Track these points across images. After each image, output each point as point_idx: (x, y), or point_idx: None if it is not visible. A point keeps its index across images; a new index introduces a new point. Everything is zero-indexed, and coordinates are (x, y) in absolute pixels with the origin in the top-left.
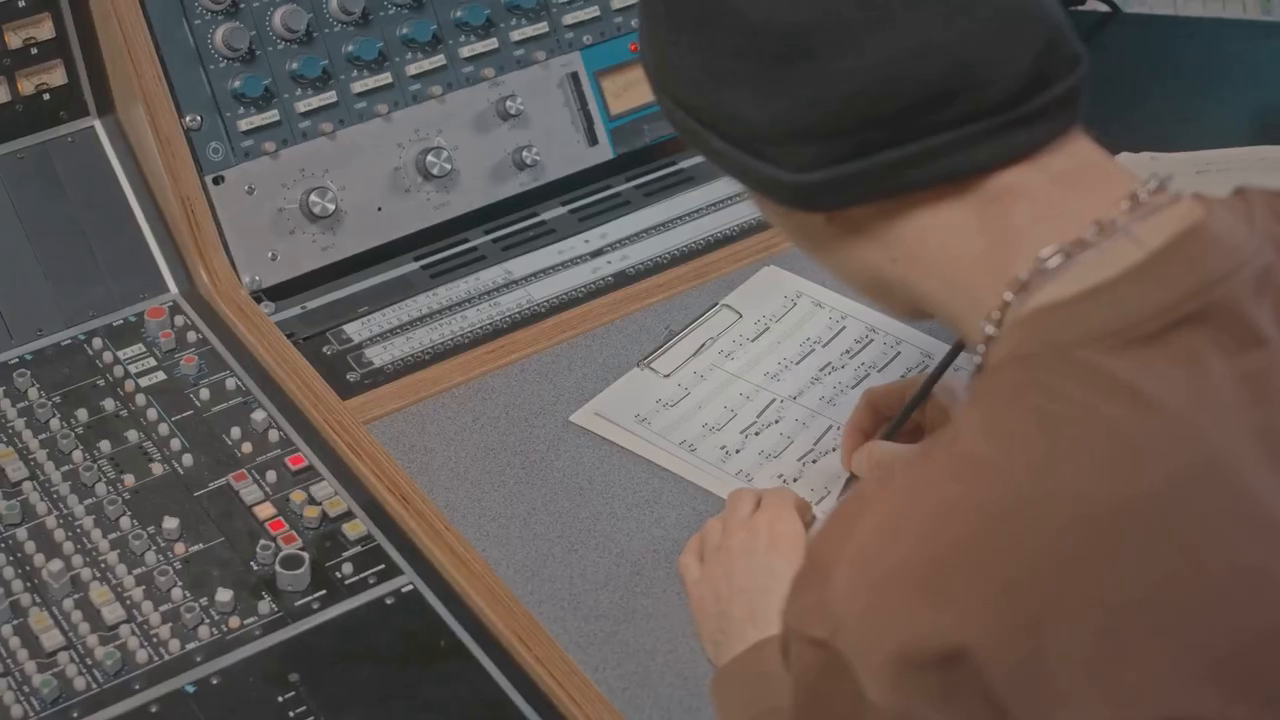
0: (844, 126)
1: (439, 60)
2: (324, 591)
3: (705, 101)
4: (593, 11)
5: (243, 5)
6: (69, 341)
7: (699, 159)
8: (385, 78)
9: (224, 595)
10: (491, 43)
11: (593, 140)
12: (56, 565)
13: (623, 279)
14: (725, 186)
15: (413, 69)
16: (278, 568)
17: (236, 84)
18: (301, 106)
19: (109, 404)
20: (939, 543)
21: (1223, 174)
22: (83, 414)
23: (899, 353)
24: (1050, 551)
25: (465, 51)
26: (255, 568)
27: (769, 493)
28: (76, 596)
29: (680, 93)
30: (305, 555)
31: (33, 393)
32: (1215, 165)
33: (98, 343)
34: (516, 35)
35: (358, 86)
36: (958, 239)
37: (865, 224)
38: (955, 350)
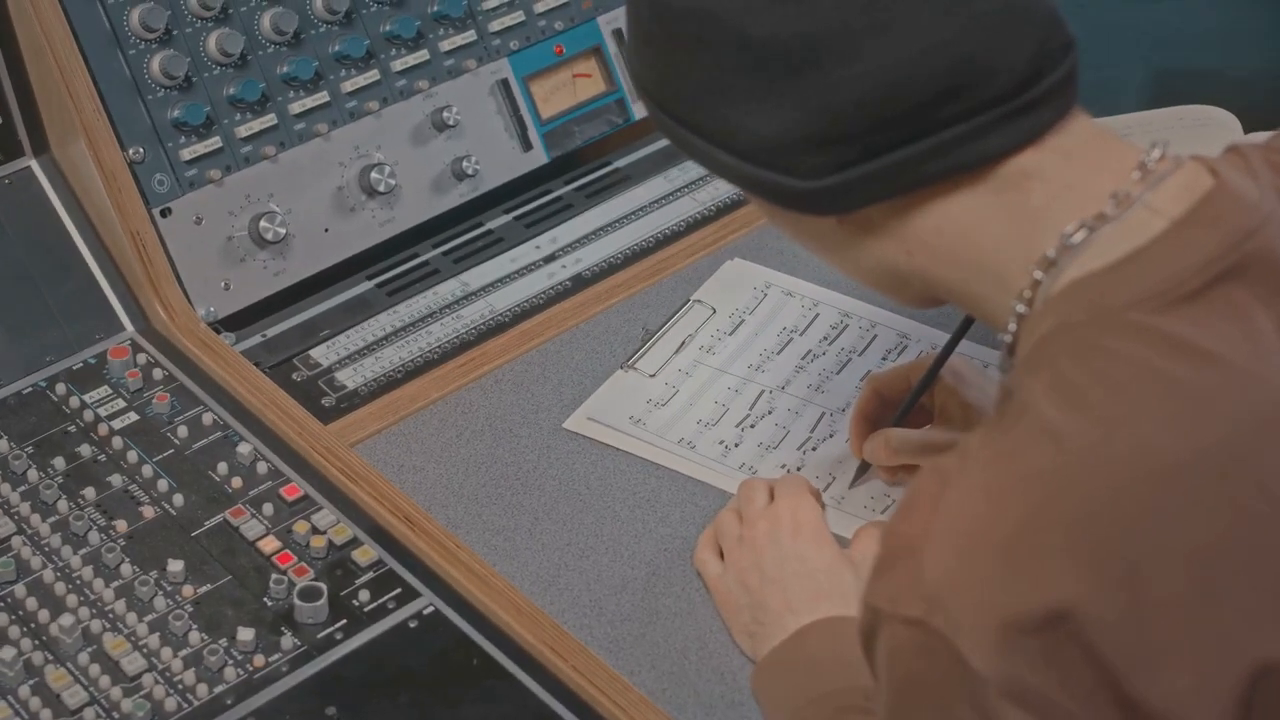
0: (854, 131)
1: (373, 75)
2: (344, 621)
3: (709, 118)
4: (518, 17)
5: (175, 32)
6: (30, 389)
7: (633, 158)
8: (322, 96)
9: (245, 634)
10: (423, 54)
11: (527, 146)
12: (68, 620)
13: (580, 282)
14: (665, 183)
15: (348, 86)
16: (296, 600)
17: (176, 113)
18: (242, 131)
19: (85, 450)
20: (1028, 508)
21: (1145, 136)
22: (60, 462)
23: (875, 335)
24: (1134, 504)
25: (398, 65)
26: (270, 603)
27: (781, 481)
28: (91, 650)
29: (681, 111)
30: (323, 586)
31: (2, 445)
32: (1136, 128)
33: (61, 388)
34: (446, 45)
35: (295, 107)
36: (977, 226)
37: (879, 222)
38: (959, 333)
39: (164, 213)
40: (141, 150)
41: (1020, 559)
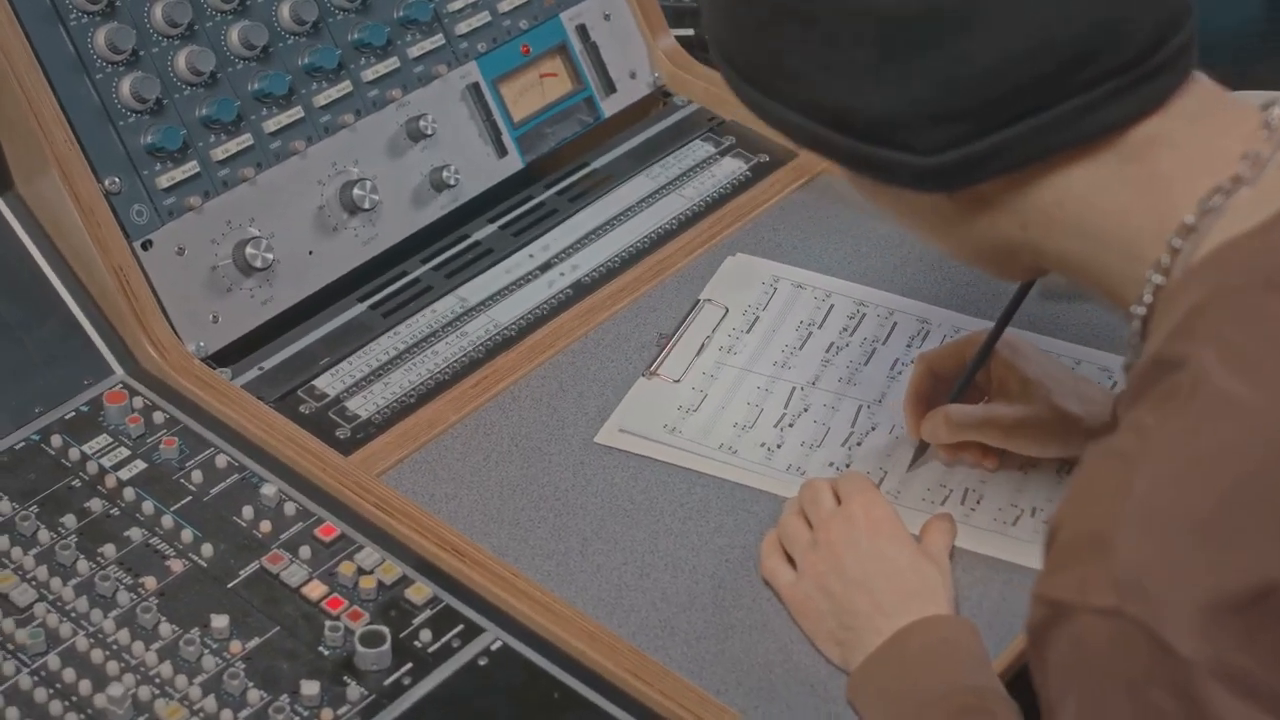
0: (978, 103)
1: (346, 87)
2: (410, 665)
3: (817, 96)
4: (484, 18)
5: (142, 53)
6: (23, 444)
7: (610, 157)
8: (297, 112)
9: (310, 688)
10: (393, 62)
11: (501, 151)
12: (116, 689)
13: (582, 289)
14: (649, 181)
15: (321, 99)
16: (359, 647)
17: (150, 138)
18: (219, 154)
19: (95, 504)
20: (1222, 484)
21: None
22: (70, 520)
23: (895, 323)
24: None
25: (369, 74)
26: (326, 652)
27: (844, 479)
28: (144, 719)
29: (784, 89)
30: (386, 630)
31: (5, 505)
32: None
33: (57, 440)
34: (415, 51)
35: (270, 125)
36: (1102, 197)
37: (994, 196)
38: (1014, 305)
39: (145, 245)
40: (117, 180)
41: (1221, 537)
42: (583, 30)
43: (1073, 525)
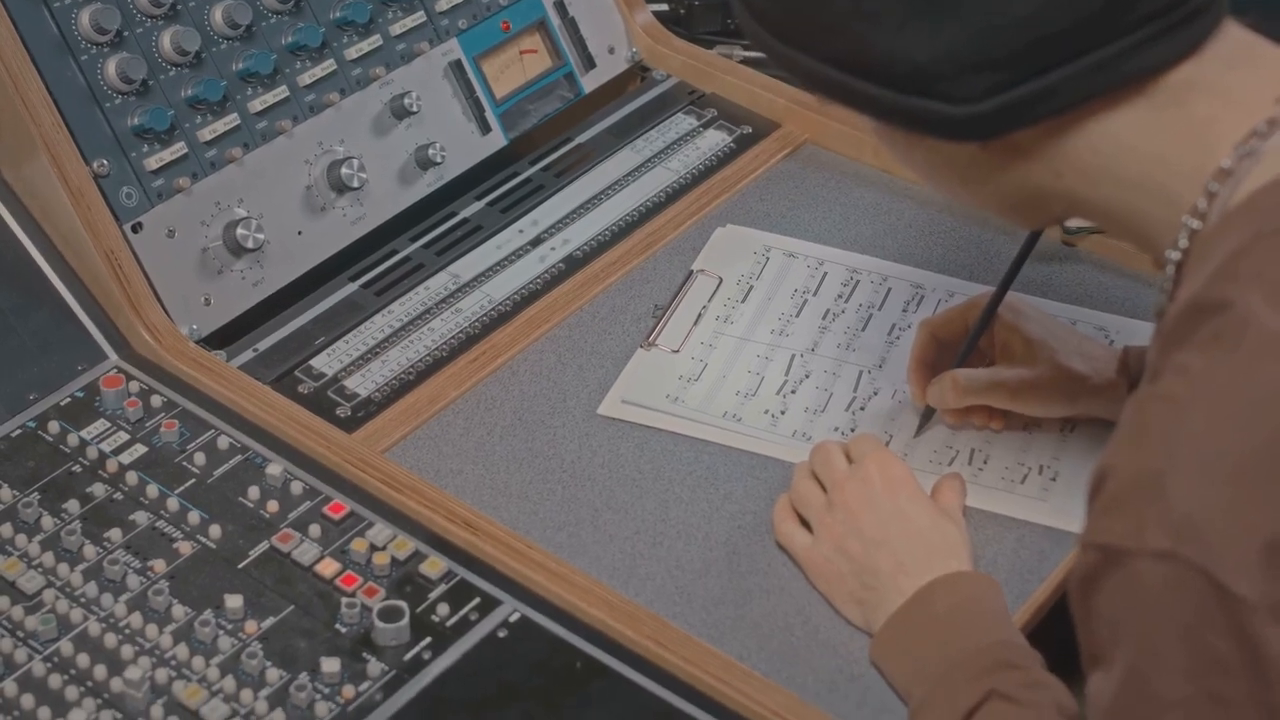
0: (1017, 49)
1: (329, 65)
2: (429, 639)
3: (852, 46)
4: None
5: (126, 33)
6: (20, 431)
7: (592, 132)
8: (282, 91)
9: (330, 665)
10: (376, 40)
11: (485, 128)
12: (134, 673)
13: (574, 263)
14: (634, 155)
15: (305, 78)
16: (377, 622)
17: (137, 120)
18: (206, 134)
19: (98, 489)
20: (1278, 423)
21: None
22: (73, 505)
23: (890, 288)
24: None
25: (352, 53)
26: (343, 629)
27: (856, 441)
28: (163, 701)
29: (816, 41)
30: (404, 605)
31: (6, 493)
32: None
33: (54, 426)
34: (397, 28)
35: (256, 104)
36: (1138, 142)
37: (1028, 145)
38: (1015, 268)
39: (135, 228)
40: (105, 163)
41: (1277, 477)
42: (561, 6)
43: (1123, 470)
